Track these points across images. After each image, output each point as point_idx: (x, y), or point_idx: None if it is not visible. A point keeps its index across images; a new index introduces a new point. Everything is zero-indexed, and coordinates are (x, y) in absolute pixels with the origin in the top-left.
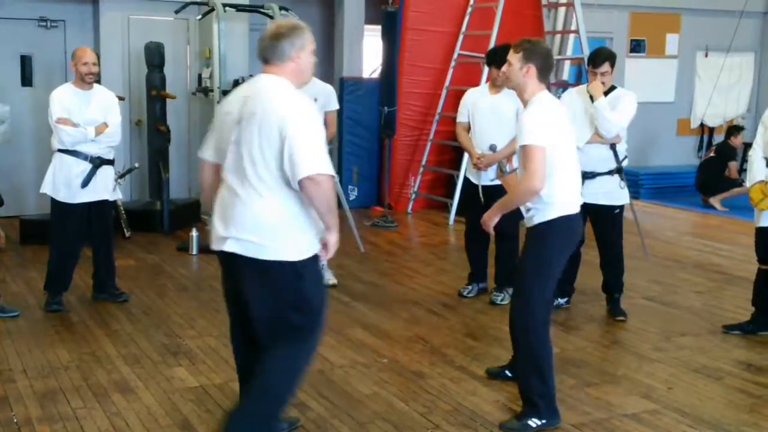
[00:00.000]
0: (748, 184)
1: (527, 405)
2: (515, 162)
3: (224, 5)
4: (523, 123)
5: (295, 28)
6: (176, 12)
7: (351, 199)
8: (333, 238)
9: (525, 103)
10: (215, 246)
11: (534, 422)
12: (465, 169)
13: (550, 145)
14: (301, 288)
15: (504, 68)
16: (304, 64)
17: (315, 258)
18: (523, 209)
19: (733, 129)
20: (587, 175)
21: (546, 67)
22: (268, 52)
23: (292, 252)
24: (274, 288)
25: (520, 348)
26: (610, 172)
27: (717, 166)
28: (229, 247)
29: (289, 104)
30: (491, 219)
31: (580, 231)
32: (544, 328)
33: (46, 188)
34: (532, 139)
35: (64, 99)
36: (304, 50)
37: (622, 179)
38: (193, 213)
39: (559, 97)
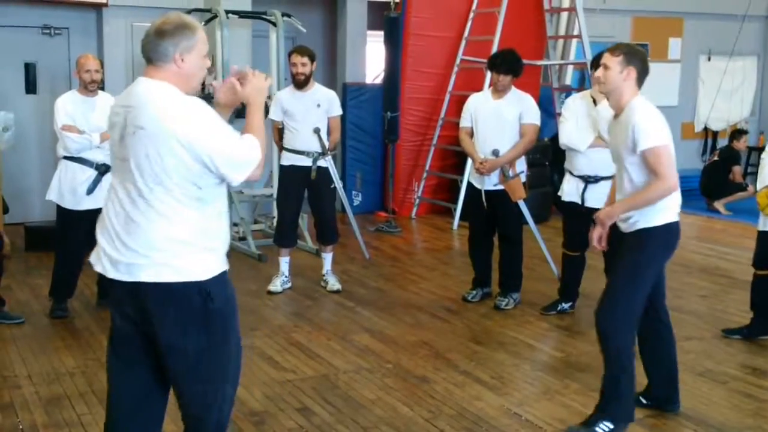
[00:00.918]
0: (759, 186)
1: (609, 406)
2: (518, 166)
3: (227, 12)
4: (640, 127)
5: (184, 26)
6: None
7: (355, 204)
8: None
9: (619, 108)
10: (104, 271)
11: (606, 426)
12: (468, 174)
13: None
14: (210, 309)
15: (599, 72)
16: (189, 69)
17: (224, 275)
18: (623, 215)
19: (737, 133)
20: (590, 180)
21: (644, 72)
22: (149, 50)
23: (198, 271)
24: (183, 314)
25: (604, 352)
26: (613, 177)
27: (721, 170)
28: (128, 273)
29: (183, 115)
30: (610, 217)
31: (679, 239)
32: (630, 334)
33: (52, 195)
34: (655, 140)
35: (69, 106)
36: (190, 53)
37: None
38: None
39: (561, 102)
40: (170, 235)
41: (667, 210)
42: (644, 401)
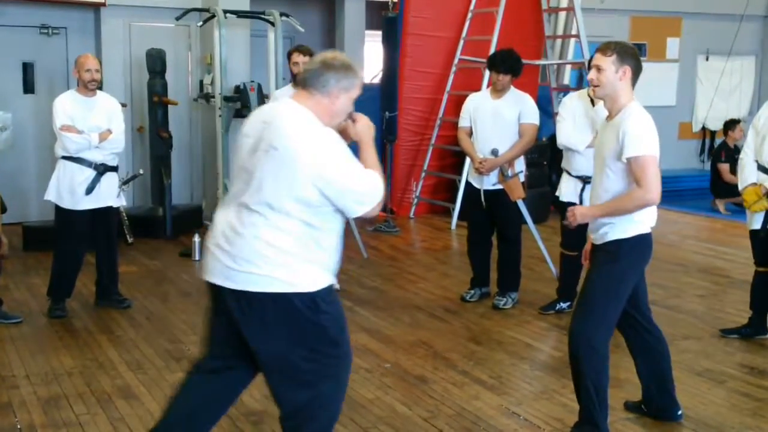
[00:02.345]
0: (740, 187)
1: (585, 423)
2: (517, 166)
3: (225, 12)
4: (631, 133)
5: (350, 68)
6: (177, 19)
7: None
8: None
9: (616, 111)
10: (215, 279)
11: None
12: (467, 173)
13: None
14: (319, 321)
15: (592, 74)
16: (339, 107)
17: (331, 288)
18: (591, 224)
19: (730, 123)
20: (588, 179)
21: (639, 69)
22: (310, 76)
23: (306, 283)
24: (288, 325)
25: (579, 364)
26: None
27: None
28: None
29: (318, 147)
30: (584, 217)
31: (651, 251)
32: (605, 346)
33: (50, 195)
34: (644, 149)
35: (68, 106)
36: (347, 93)
37: None
38: (196, 219)
39: (559, 102)
40: (277, 246)
41: (640, 223)
42: (645, 409)
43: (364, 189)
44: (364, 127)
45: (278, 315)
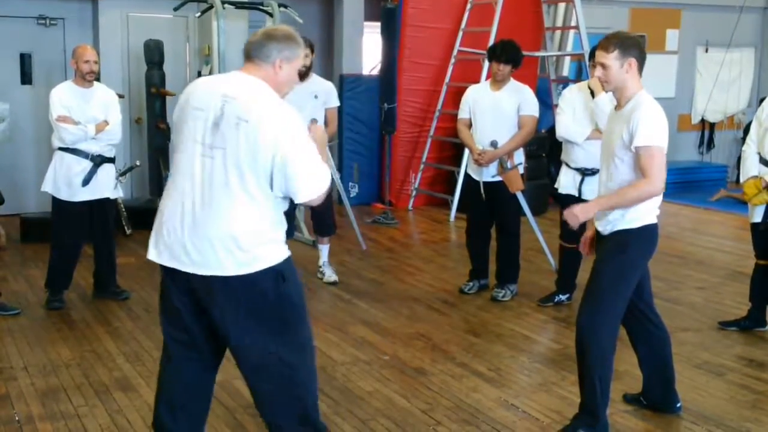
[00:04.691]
0: (741, 179)
1: (585, 415)
2: (516, 158)
3: (223, 2)
4: (643, 122)
5: (291, 38)
6: (175, 9)
7: (351, 196)
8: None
9: (625, 101)
10: (177, 265)
11: None
12: (466, 165)
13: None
14: (284, 292)
15: (599, 73)
16: (283, 77)
17: (290, 259)
18: (600, 214)
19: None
20: (587, 172)
21: (643, 58)
22: (253, 48)
23: (274, 256)
24: (257, 301)
25: (586, 356)
26: None
27: None
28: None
29: (283, 118)
30: (586, 213)
31: (657, 241)
32: (613, 338)
33: (47, 186)
34: (653, 139)
35: (65, 97)
36: (289, 63)
37: None
38: None
39: (559, 94)
40: (248, 225)
41: (647, 213)
42: (644, 402)
43: (318, 175)
44: (319, 135)
45: (247, 294)
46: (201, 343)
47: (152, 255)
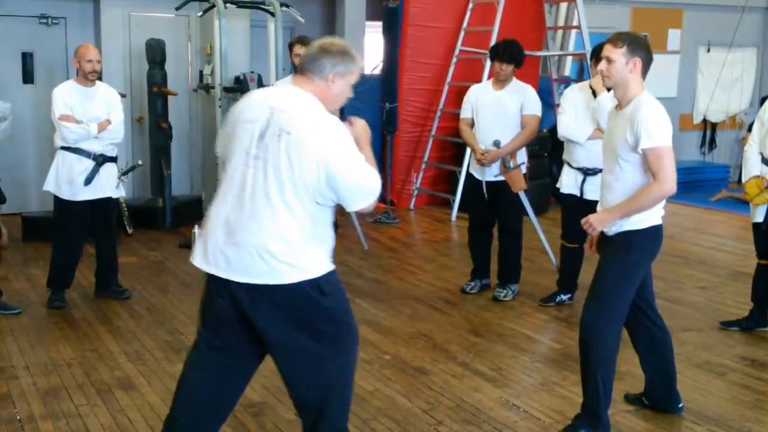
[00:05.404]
0: (743, 179)
1: (587, 415)
2: (519, 157)
3: (225, 2)
4: (646, 124)
5: (345, 53)
6: (177, 9)
7: None
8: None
9: (626, 101)
10: (218, 271)
11: None
12: (468, 165)
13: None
14: (325, 304)
15: (602, 66)
16: (336, 91)
17: (334, 271)
18: None
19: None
20: (589, 171)
21: (650, 60)
22: (307, 61)
23: (313, 269)
24: (298, 311)
25: (589, 356)
26: None
27: None
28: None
29: (328, 131)
30: (602, 224)
31: (662, 242)
32: (616, 338)
33: (49, 186)
34: (660, 140)
35: (67, 96)
36: (342, 78)
37: None
38: (195, 210)
39: (560, 93)
40: (284, 235)
41: (652, 213)
42: (646, 402)
43: (368, 184)
44: (362, 129)
45: (288, 303)
46: (234, 350)
47: (197, 261)
